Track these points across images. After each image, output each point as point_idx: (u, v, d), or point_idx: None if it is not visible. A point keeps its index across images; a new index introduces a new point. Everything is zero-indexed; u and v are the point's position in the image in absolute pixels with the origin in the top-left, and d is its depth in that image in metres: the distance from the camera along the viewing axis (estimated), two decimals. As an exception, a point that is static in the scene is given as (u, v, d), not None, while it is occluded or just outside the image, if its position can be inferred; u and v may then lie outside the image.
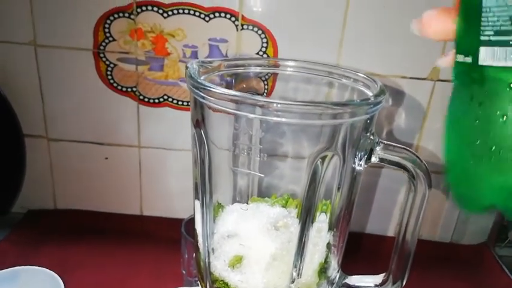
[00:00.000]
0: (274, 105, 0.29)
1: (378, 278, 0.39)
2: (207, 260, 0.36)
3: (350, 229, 0.39)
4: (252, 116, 0.29)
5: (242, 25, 0.60)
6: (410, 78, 0.62)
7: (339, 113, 0.30)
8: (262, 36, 0.60)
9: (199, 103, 0.32)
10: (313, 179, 0.31)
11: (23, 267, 0.53)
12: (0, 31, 0.61)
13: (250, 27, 0.60)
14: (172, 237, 0.65)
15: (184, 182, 0.70)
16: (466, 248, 0.71)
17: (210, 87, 0.30)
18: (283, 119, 0.29)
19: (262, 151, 0.31)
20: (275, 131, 0.30)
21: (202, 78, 0.34)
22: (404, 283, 0.37)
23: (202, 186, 0.34)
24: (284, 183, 0.39)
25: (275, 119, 0.29)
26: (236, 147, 0.31)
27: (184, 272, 0.60)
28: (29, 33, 0.61)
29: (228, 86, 0.39)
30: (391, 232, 0.72)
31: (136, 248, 0.66)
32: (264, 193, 0.40)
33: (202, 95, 0.30)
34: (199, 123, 0.33)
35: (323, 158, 0.31)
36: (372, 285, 0.38)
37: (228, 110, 0.30)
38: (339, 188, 0.34)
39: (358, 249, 0.70)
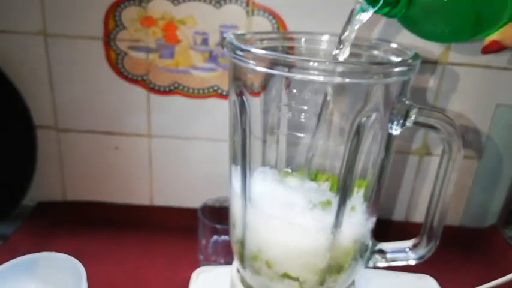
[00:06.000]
0: (314, 64, 0.29)
1: (409, 243, 0.39)
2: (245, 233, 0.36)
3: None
4: (295, 76, 0.30)
5: (253, 11, 0.61)
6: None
7: (377, 73, 0.30)
8: (273, 21, 0.61)
9: (240, 69, 0.32)
10: (356, 136, 0.32)
11: (41, 253, 0.52)
12: (9, 21, 0.61)
13: (261, 13, 0.61)
14: (184, 227, 0.65)
15: (195, 172, 0.70)
16: (476, 231, 0.72)
17: (251, 49, 0.30)
18: (328, 78, 0.30)
19: (306, 112, 0.32)
20: (318, 91, 0.31)
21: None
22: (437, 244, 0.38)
23: (243, 156, 0.35)
24: (316, 157, 0.39)
25: (319, 78, 0.30)
26: (279, 111, 0.32)
27: (201, 257, 0.60)
28: (39, 23, 0.61)
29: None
30: (396, 216, 0.73)
31: (149, 238, 0.66)
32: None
33: (244, 58, 0.31)
34: (241, 91, 0.33)
35: (366, 117, 0.31)
36: (406, 248, 0.39)
37: (270, 71, 0.30)
38: (376, 154, 0.35)
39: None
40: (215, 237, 0.59)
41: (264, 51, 0.30)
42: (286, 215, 0.35)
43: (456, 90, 0.64)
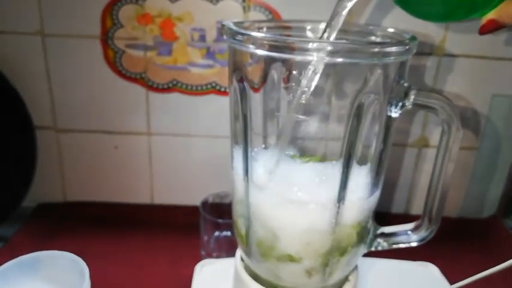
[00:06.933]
0: (313, 45, 0.30)
1: (411, 225, 0.40)
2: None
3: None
4: (295, 57, 0.30)
5: (249, 6, 0.61)
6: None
7: (375, 52, 0.31)
8: (270, 17, 0.61)
9: (240, 55, 0.33)
10: (356, 117, 0.32)
11: (43, 252, 0.52)
12: (7, 21, 0.61)
13: (258, 8, 0.61)
14: (186, 225, 0.65)
15: (195, 169, 0.70)
16: (476, 221, 0.72)
17: (251, 33, 0.31)
18: (327, 59, 0.30)
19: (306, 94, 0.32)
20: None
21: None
22: (438, 225, 0.38)
23: (244, 140, 0.35)
24: (315, 143, 0.39)
25: (319, 59, 0.30)
26: (279, 94, 0.32)
27: (203, 253, 0.60)
28: (36, 23, 0.61)
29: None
30: (395, 209, 0.73)
31: (151, 236, 0.66)
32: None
33: (244, 43, 0.31)
34: (242, 77, 0.34)
35: (365, 97, 0.32)
36: (408, 230, 0.39)
37: (270, 53, 0.31)
38: (375, 138, 0.35)
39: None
40: (217, 233, 0.59)
41: (263, 34, 0.30)
42: (288, 192, 0.35)
43: (452, 81, 0.64)
